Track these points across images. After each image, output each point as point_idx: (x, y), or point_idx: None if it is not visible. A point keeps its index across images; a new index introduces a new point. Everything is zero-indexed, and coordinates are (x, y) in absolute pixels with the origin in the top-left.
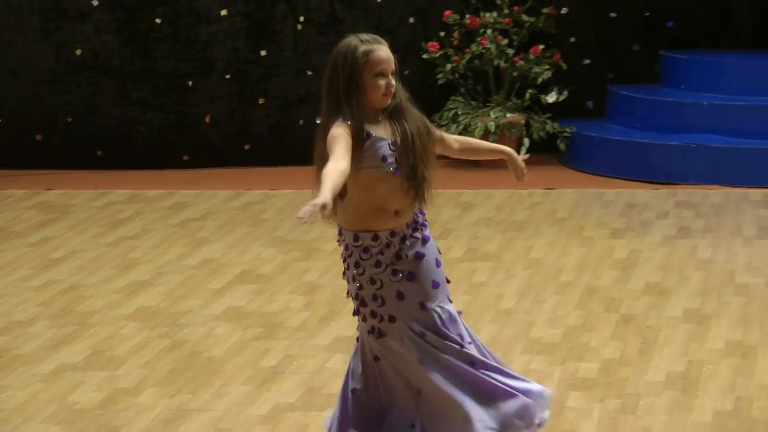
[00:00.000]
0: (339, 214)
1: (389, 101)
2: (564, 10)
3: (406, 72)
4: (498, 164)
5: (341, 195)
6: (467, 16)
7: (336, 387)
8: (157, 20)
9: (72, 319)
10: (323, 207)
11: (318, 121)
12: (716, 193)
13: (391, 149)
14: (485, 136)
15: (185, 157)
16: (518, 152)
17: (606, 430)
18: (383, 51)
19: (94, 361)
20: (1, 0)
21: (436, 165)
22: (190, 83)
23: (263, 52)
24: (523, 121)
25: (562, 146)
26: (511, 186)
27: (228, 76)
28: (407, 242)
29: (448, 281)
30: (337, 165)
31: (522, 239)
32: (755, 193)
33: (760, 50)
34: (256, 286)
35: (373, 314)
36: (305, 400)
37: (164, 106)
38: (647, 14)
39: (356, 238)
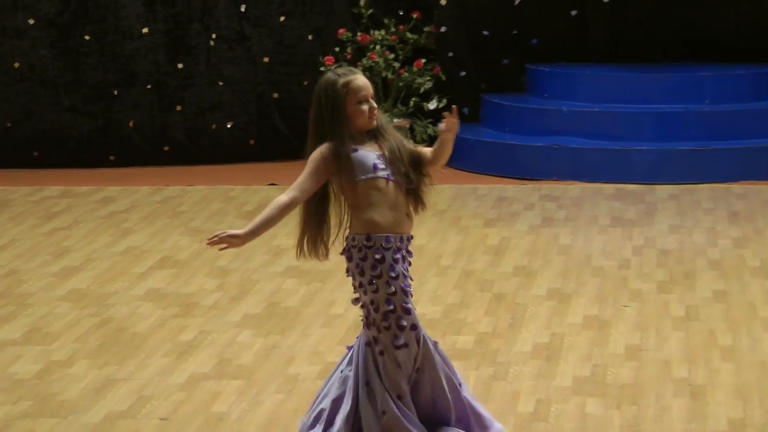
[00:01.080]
0: (352, 224)
1: (374, 122)
2: (443, 29)
3: (306, 82)
4: None
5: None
6: (359, 33)
7: (245, 359)
8: (87, 37)
9: (11, 300)
10: (233, 237)
11: (227, 124)
12: (575, 188)
13: (379, 159)
14: None
15: (112, 157)
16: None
17: (481, 394)
18: (360, 79)
19: (31, 337)
20: None
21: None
22: (115, 92)
23: (180, 65)
24: (408, 126)
25: None
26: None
27: (149, 86)
28: (407, 254)
29: None
30: (282, 198)
31: None
32: (608, 188)
33: (612, 64)
34: (174, 270)
35: (386, 317)
36: (218, 370)
37: (93, 112)
38: (515, 32)
39: (369, 239)
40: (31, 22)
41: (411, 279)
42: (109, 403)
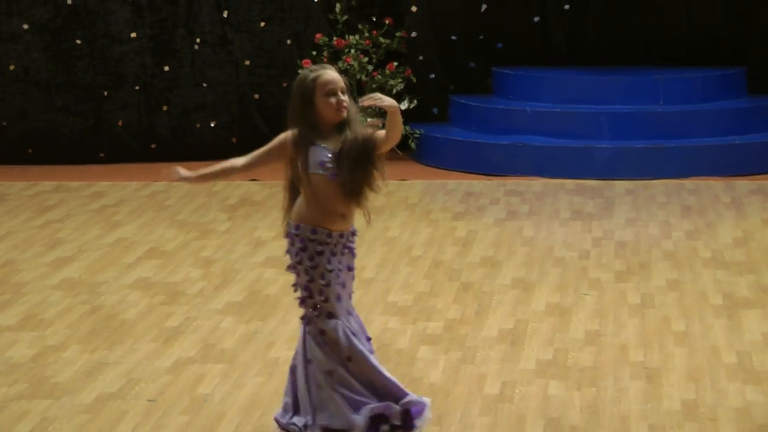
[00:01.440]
0: (295, 210)
1: (343, 115)
2: (414, 34)
3: (285, 84)
4: None
5: (295, 194)
6: (335, 38)
7: (228, 343)
8: (78, 41)
9: (8, 288)
10: (184, 178)
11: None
12: (538, 183)
13: (329, 157)
14: None
15: (102, 155)
16: None
17: (450, 376)
18: (329, 74)
19: (26, 323)
20: None
21: (379, 173)
22: (105, 93)
23: (166, 68)
24: (380, 124)
25: (412, 145)
26: None
27: (137, 88)
28: (346, 250)
29: None
30: (236, 160)
31: (380, 221)
32: (569, 183)
33: (572, 67)
34: (161, 260)
35: (315, 307)
36: (202, 354)
37: (84, 112)
38: (481, 37)
39: (314, 232)
40: (26, 27)
41: (350, 270)
42: (100, 385)
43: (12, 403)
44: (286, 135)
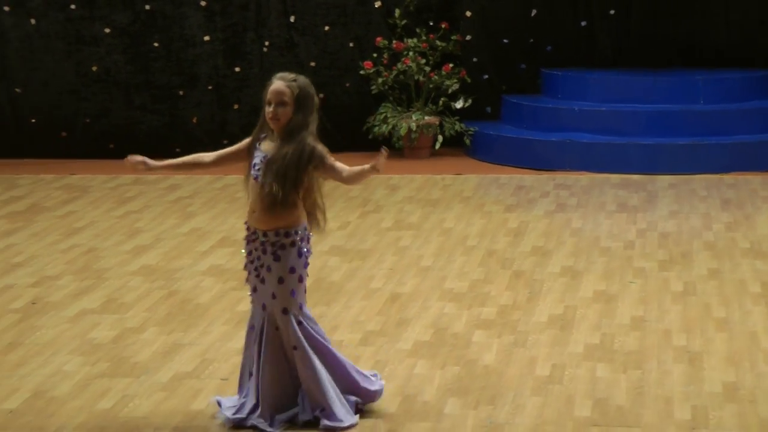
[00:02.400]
0: None
1: (275, 126)
2: (468, 37)
3: (348, 84)
4: (417, 155)
5: None
6: (394, 41)
7: None
8: (155, 44)
9: (90, 274)
10: (143, 164)
11: None
12: (585, 178)
13: (261, 162)
14: (408, 134)
15: (177, 149)
16: (434, 146)
17: (503, 359)
18: (276, 84)
19: (108, 307)
20: (33, 27)
21: (308, 187)
22: (180, 93)
23: (237, 69)
24: (437, 123)
25: (467, 142)
26: (428, 172)
27: (210, 87)
28: (264, 249)
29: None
30: (202, 155)
31: (437, 213)
32: (615, 178)
33: (617, 68)
34: (232, 249)
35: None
36: None
37: (160, 110)
38: (531, 40)
39: (246, 227)
40: (107, 31)
41: (257, 268)
42: (176, 365)
43: (95, 380)
44: (246, 140)
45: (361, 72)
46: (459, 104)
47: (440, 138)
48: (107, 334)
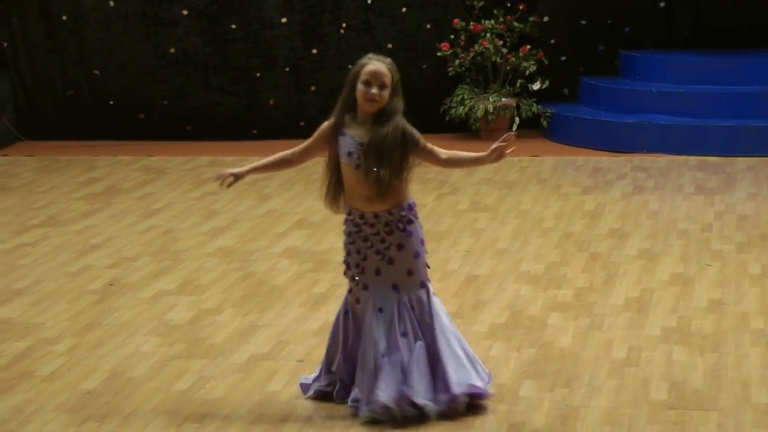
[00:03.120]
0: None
1: (373, 108)
2: (545, 19)
3: (425, 66)
4: (494, 137)
5: (338, 174)
6: (471, 23)
7: None
8: (233, 26)
9: (167, 255)
10: (231, 175)
11: None
12: (663, 160)
13: (358, 148)
14: (485, 116)
15: (254, 131)
16: (511, 128)
17: (579, 342)
18: (375, 65)
19: (184, 288)
20: (111, 9)
21: (407, 169)
22: (258, 74)
23: (314, 51)
24: (514, 104)
25: (544, 123)
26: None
27: (287, 69)
28: (389, 229)
29: (428, 266)
30: (284, 152)
31: (513, 195)
32: (692, 160)
33: (695, 50)
34: (309, 230)
35: (353, 279)
36: None
37: (238, 92)
38: (609, 22)
39: (349, 213)
40: (185, 12)
41: (379, 252)
42: (252, 347)
43: (172, 362)
44: (323, 127)
45: (438, 54)
46: (536, 86)
47: (517, 120)
48: (184, 316)
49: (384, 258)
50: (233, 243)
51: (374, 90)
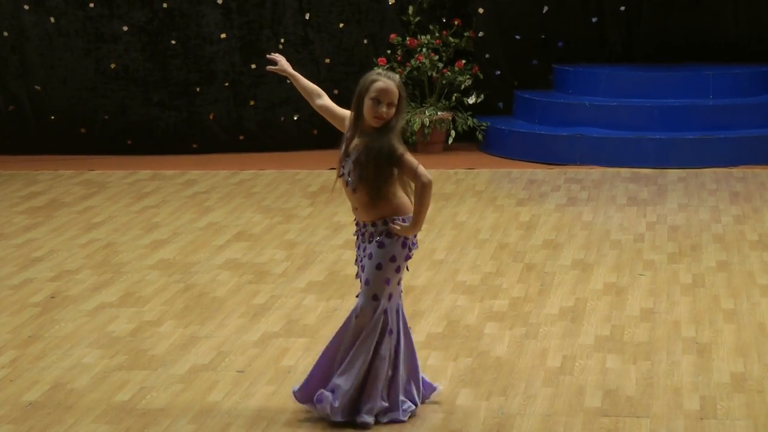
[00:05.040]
0: None
1: (378, 124)
2: (480, 34)
3: None
4: (430, 150)
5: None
6: (407, 38)
7: (310, 319)
8: (173, 41)
9: (109, 268)
10: (279, 64)
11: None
12: (596, 172)
13: (347, 159)
14: (421, 129)
15: (194, 145)
16: (447, 141)
17: (514, 351)
18: (386, 83)
19: (126, 300)
20: (52, 26)
21: (389, 184)
22: (197, 89)
23: (253, 66)
24: (450, 118)
25: (479, 137)
26: (441, 166)
27: (227, 84)
28: (371, 239)
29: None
30: (320, 94)
31: (450, 207)
32: (625, 172)
33: (627, 64)
34: (248, 243)
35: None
36: (287, 329)
37: (178, 106)
38: (543, 37)
39: (355, 222)
40: (125, 28)
41: (362, 259)
42: (193, 357)
43: (113, 373)
44: (348, 115)
45: (375, 68)
46: (471, 100)
47: (453, 133)
48: (125, 328)
49: (361, 266)
50: (174, 255)
51: (383, 108)
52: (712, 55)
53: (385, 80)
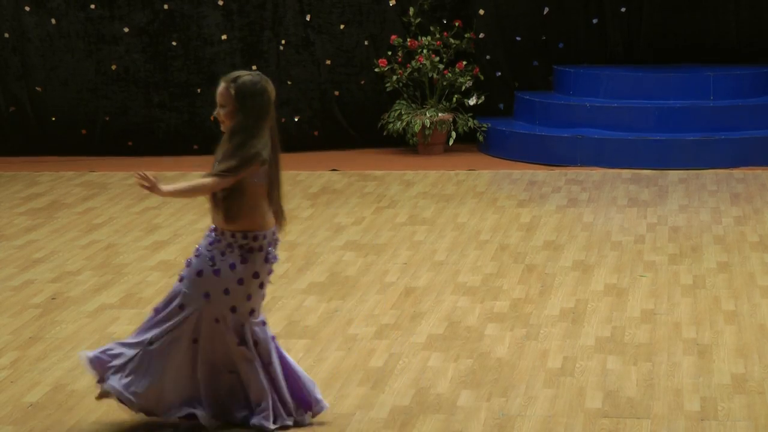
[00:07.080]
0: None
1: (222, 128)
2: (481, 35)
3: (363, 81)
4: (431, 151)
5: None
6: (408, 39)
7: (310, 320)
8: (174, 43)
9: (110, 269)
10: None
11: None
12: (596, 173)
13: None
14: (422, 131)
15: (195, 147)
16: (448, 142)
17: (515, 352)
18: (220, 85)
19: (126, 302)
20: (54, 27)
21: (238, 189)
22: (198, 90)
23: (254, 67)
24: (451, 119)
25: (480, 138)
26: (442, 168)
27: None
28: (236, 248)
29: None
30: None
31: (450, 208)
32: (626, 173)
33: (628, 65)
34: None
35: None
36: (287, 330)
37: (179, 107)
38: (543, 38)
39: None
40: (126, 30)
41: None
42: None
43: None
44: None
45: (376, 69)
46: (472, 101)
47: (454, 134)
48: (126, 329)
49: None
50: (174, 257)
51: (218, 110)
52: (712, 57)
53: (221, 82)
